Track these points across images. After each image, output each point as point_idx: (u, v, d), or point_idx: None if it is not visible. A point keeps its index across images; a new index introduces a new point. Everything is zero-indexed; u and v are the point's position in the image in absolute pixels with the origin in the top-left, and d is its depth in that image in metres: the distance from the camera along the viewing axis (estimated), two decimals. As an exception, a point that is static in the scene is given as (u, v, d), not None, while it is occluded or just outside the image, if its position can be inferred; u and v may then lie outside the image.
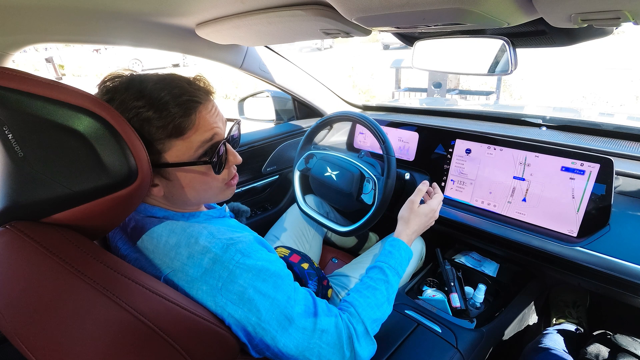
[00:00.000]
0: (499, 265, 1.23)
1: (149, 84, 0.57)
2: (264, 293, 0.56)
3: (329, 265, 1.38)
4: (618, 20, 0.52)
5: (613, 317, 1.26)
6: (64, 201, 0.48)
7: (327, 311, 0.63)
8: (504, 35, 0.81)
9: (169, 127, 0.56)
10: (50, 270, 0.44)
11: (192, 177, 0.62)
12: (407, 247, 0.85)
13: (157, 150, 0.57)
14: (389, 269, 0.79)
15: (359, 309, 0.69)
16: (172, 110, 0.55)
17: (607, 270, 0.85)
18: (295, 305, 0.59)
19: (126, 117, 0.53)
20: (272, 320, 0.56)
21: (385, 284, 0.76)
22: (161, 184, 0.61)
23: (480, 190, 1.12)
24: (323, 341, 0.59)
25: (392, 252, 0.82)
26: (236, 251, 0.57)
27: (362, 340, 0.65)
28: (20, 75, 0.44)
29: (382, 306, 0.73)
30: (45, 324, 0.41)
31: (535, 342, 1.05)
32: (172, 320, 0.47)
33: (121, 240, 0.65)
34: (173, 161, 0.58)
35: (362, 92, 7.34)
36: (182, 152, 0.58)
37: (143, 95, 0.55)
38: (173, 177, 0.60)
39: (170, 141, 0.57)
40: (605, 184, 0.88)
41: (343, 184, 1.16)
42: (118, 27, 0.94)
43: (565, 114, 1.39)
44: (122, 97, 0.55)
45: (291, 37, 1.03)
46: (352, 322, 0.65)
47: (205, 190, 0.65)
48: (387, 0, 0.56)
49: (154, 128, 0.55)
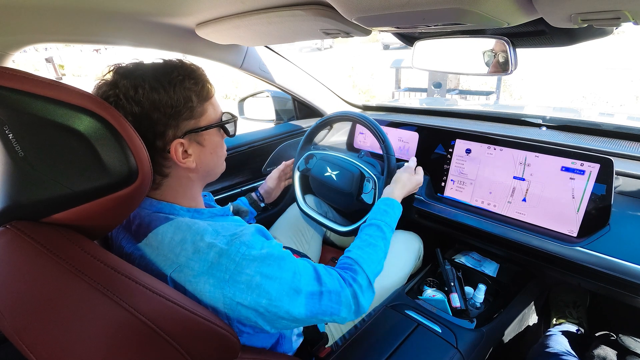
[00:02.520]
0: (499, 265, 1.23)
1: (162, 62, 0.63)
2: (271, 276, 0.59)
3: (329, 265, 1.38)
4: (618, 20, 0.52)
5: (613, 318, 1.26)
6: (65, 201, 0.48)
7: (329, 274, 0.68)
8: (504, 35, 0.81)
9: (202, 91, 0.64)
10: (51, 270, 0.44)
11: (217, 141, 0.69)
12: (400, 204, 0.94)
13: (198, 114, 0.64)
14: (386, 226, 0.86)
15: (363, 265, 0.75)
16: (202, 76, 0.64)
17: (607, 271, 0.85)
18: (301, 278, 0.63)
19: (168, 92, 0.59)
20: (283, 297, 0.59)
21: (383, 241, 0.83)
22: (194, 153, 0.65)
23: (480, 190, 1.12)
24: (332, 300, 0.65)
25: (387, 210, 0.90)
26: (241, 244, 0.59)
27: (366, 292, 0.72)
28: (21, 75, 0.44)
29: (381, 261, 0.80)
30: (45, 324, 0.41)
31: (540, 344, 1.04)
32: (172, 320, 0.47)
33: (125, 238, 0.66)
34: (209, 123, 0.66)
35: (362, 92, 7.37)
36: (212, 115, 0.67)
37: (174, 68, 0.61)
38: (207, 142, 0.67)
39: (204, 105, 0.65)
40: (605, 184, 0.88)
41: (343, 184, 1.16)
42: (118, 27, 0.94)
43: (565, 114, 1.39)
44: (153, 73, 0.59)
45: (291, 37, 1.03)
46: (357, 278, 0.72)
47: (221, 157, 0.72)
48: (387, 1, 0.56)
49: (193, 94, 0.62)
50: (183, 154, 0.63)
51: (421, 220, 1.26)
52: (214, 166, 0.71)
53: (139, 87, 0.57)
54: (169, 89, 0.59)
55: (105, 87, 0.59)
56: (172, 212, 0.64)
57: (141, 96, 0.57)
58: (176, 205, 0.66)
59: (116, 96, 0.57)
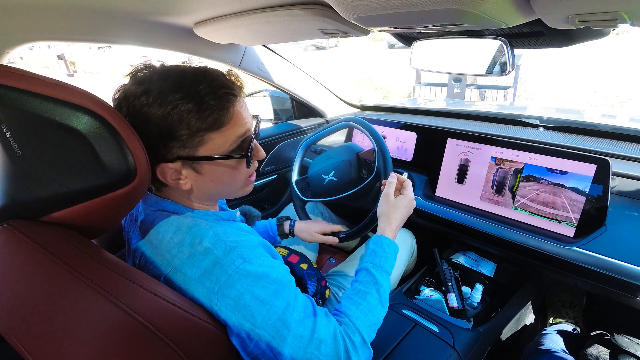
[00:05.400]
0: (496, 265, 1.24)
1: (187, 75, 0.56)
2: (262, 299, 0.54)
3: (326, 265, 1.38)
4: (615, 21, 0.53)
5: (610, 318, 1.27)
6: (62, 200, 0.48)
7: (327, 321, 0.60)
8: (502, 36, 0.82)
9: (208, 119, 0.56)
10: (48, 270, 0.44)
11: (222, 170, 0.62)
12: (391, 241, 0.81)
13: (195, 143, 0.57)
14: (375, 268, 0.75)
15: (352, 317, 0.65)
16: (211, 103, 0.55)
17: (603, 271, 0.85)
18: (294, 312, 0.56)
19: (164, 110, 0.53)
20: (268, 327, 0.54)
21: (374, 286, 0.72)
22: (190, 178, 0.61)
23: (477, 190, 1.12)
24: (320, 352, 0.56)
25: (376, 250, 0.78)
26: (237, 255, 0.56)
27: (360, 350, 0.62)
28: (19, 73, 0.44)
29: (375, 309, 0.69)
30: (42, 323, 0.41)
31: (535, 342, 1.05)
32: (169, 320, 0.47)
33: (134, 233, 0.66)
34: (208, 154, 0.59)
35: (379, 88, 7.49)
36: (218, 145, 0.59)
37: (183, 87, 0.54)
38: (205, 171, 0.61)
39: (209, 134, 0.57)
40: (602, 185, 0.89)
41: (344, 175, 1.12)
42: (115, 25, 0.93)
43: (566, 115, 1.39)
44: (160, 88, 0.54)
45: (290, 37, 1.03)
46: (348, 333, 0.62)
47: (231, 184, 0.66)
48: (385, 1, 0.56)
49: (193, 120, 0.55)
50: (174, 174, 0.59)
51: (418, 220, 1.26)
52: (218, 192, 0.66)
53: (137, 98, 0.54)
54: (164, 107, 0.53)
55: (117, 91, 0.58)
56: (176, 211, 0.63)
57: (138, 106, 0.54)
58: (181, 205, 0.64)
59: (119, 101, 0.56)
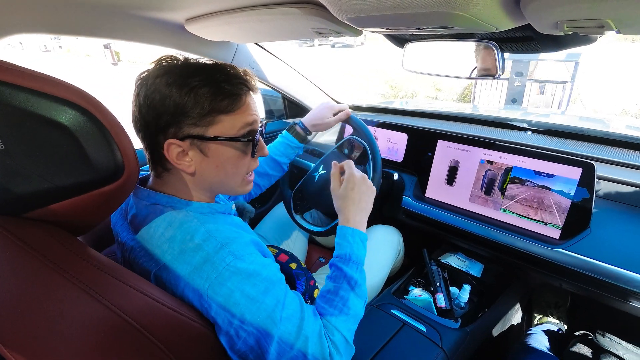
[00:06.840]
0: (483, 266, 1.25)
1: (207, 65, 0.61)
2: (252, 297, 0.55)
3: (315, 265, 1.38)
4: (602, 28, 0.54)
5: (593, 318, 1.30)
6: (47, 196, 0.47)
7: (314, 319, 0.61)
8: (493, 39, 0.83)
9: (222, 103, 0.60)
10: (32, 267, 0.43)
11: (228, 156, 0.64)
12: (354, 230, 0.78)
13: (206, 122, 0.60)
14: (341, 261, 0.73)
15: (327, 316, 0.65)
16: (225, 88, 0.60)
17: (587, 272, 0.87)
18: (283, 310, 0.57)
19: (182, 90, 0.57)
20: (257, 324, 0.55)
21: (344, 279, 0.70)
22: (194, 160, 0.62)
23: (466, 192, 1.13)
24: (307, 349, 0.57)
25: (340, 242, 0.77)
26: (228, 252, 0.56)
27: (341, 348, 0.62)
28: (3, 66, 0.43)
29: (349, 302, 0.68)
30: (26, 323, 0.40)
31: (521, 343, 1.07)
32: (155, 319, 0.47)
33: (123, 227, 0.65)
34: (217, 135, 0.61)
35: (392, 87, 7.53)
36: (227, 128, 0.62)
37: (200, 72, 0.59)
38: (211, 153, 0.62)
39: (219, 116, 0.60)
40: (587, 188, 0.90)
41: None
42: (103, 19, 0.92)
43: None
44: (180, 71, 0.58)
45: (282, 35, 1.03)
46: (327, 333, 0.62)
47: (233, 175, 0.67)
48: (378, 2, 0.57)
49: (207, 102, 0.58)
50: (180, 154, 0.61)
51: (408, 221, 1.27)
52: (219, 182, 0.67)
53: (159, 77, 0.58)
54: (183, 88, 0.57)
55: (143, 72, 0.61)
56: (169, 205, 0.63)
57: (158, 85, 0.58)
58: (175, 197, 0.64)
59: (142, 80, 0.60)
